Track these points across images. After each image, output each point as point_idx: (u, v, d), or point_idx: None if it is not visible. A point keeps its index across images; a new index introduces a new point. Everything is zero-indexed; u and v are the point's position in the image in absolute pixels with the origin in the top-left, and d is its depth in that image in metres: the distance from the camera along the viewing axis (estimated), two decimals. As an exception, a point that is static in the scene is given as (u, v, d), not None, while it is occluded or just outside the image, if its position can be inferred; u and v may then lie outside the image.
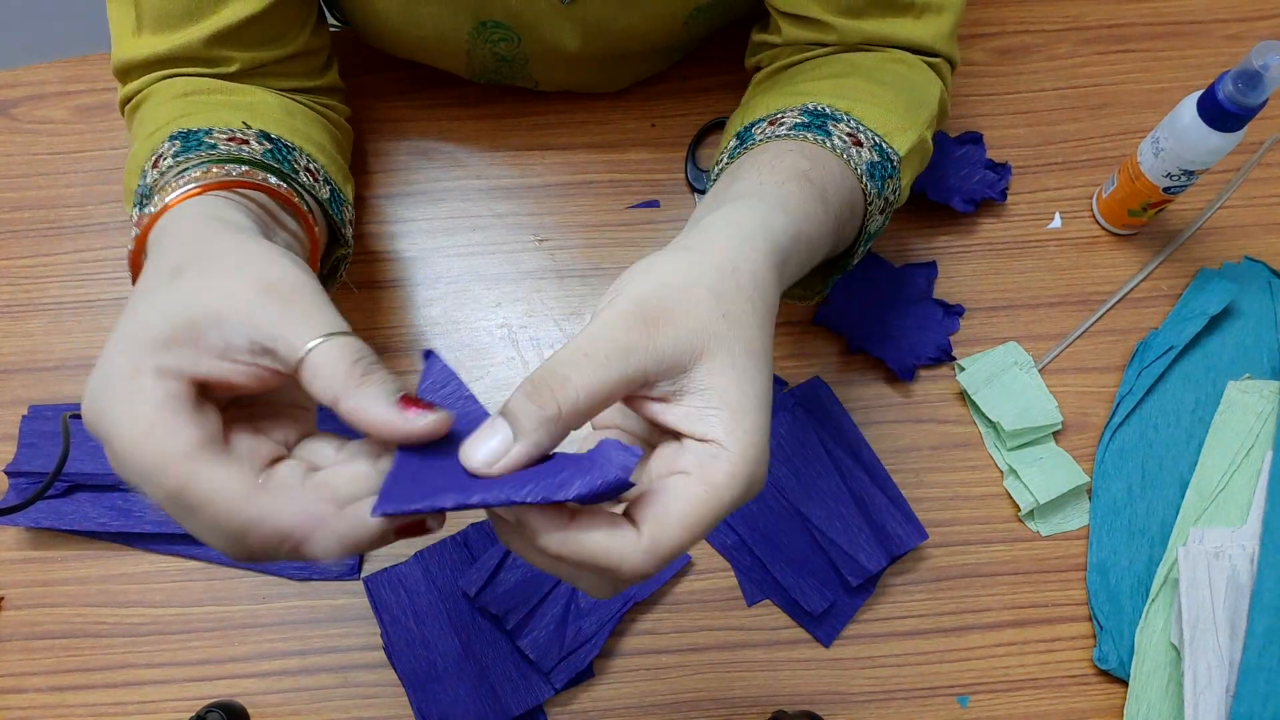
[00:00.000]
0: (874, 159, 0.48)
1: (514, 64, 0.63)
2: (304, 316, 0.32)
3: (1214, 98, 0.53)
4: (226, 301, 0.32)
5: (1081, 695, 0.57)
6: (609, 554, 0.31)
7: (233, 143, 0.47)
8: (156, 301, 0.32)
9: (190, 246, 0.35)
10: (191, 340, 0.31)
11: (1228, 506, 0.58)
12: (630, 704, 0.57)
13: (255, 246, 0.35)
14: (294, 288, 0.33)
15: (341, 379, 0.31)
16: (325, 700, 0.58)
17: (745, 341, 0.34)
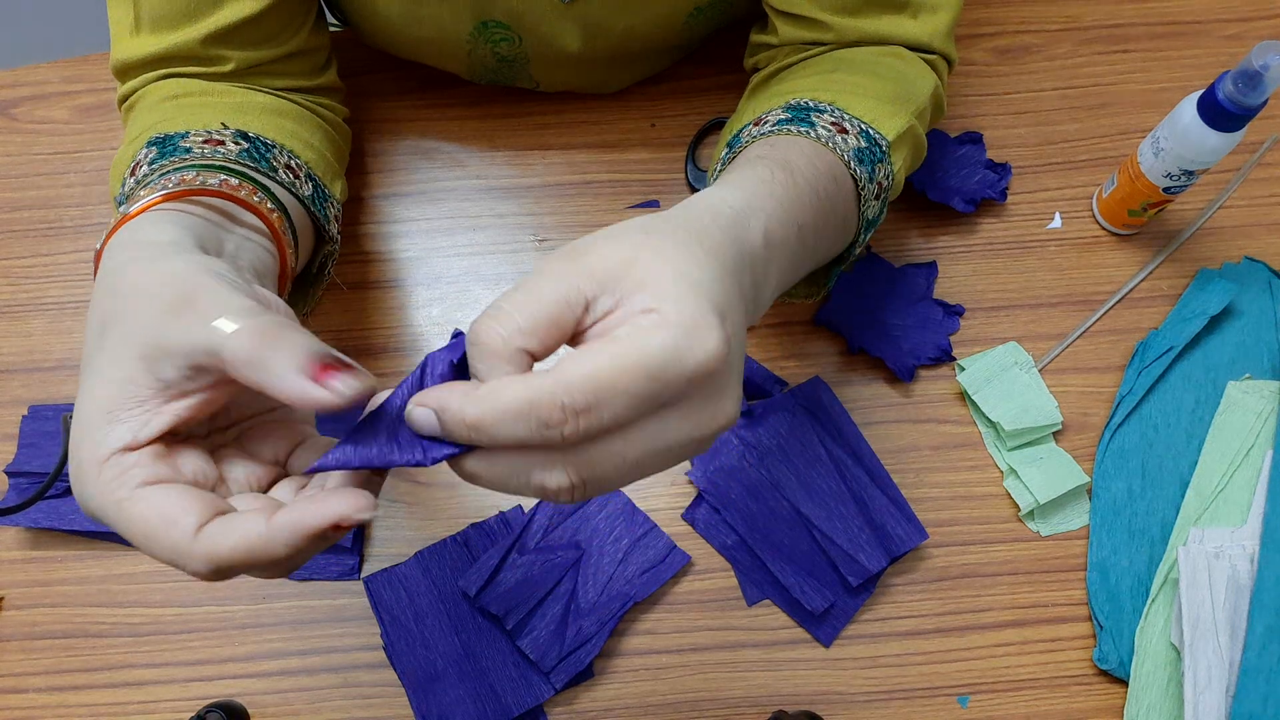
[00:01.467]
0: (861, 145, 0.48)
1: (515, 64, 0.63)
2: (210, 311, 0.31)
3: (1214, 98, 0.53)
4: (144, 339, 0.31)
5: (1081, 695, 0.57)
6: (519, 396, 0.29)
7: (208, 144, 0.46)
8: (96, 369, 0.32)
9: (106, 294, 0.34)
10: (133, 399, 0.31)
11: (1228, 506, 0.58)
12: (630, 704, 0.57)
13: (153, 266, 0.34)
14: (189, 291, 0.32)
15: (251, 356, 0.30)
16: (325, 700, 0.58)
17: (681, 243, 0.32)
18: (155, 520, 0.30)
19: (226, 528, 0.30)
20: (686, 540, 0.60)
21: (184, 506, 0.31)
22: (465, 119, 0.69)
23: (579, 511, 0.60)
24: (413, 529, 0.60)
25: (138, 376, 0.31)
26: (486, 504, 0.61)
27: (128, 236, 0.37)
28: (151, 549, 0.31)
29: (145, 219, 0.38)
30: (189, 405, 0.32)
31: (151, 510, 0.30)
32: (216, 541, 0.30)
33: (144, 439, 0.31)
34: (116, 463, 0.31)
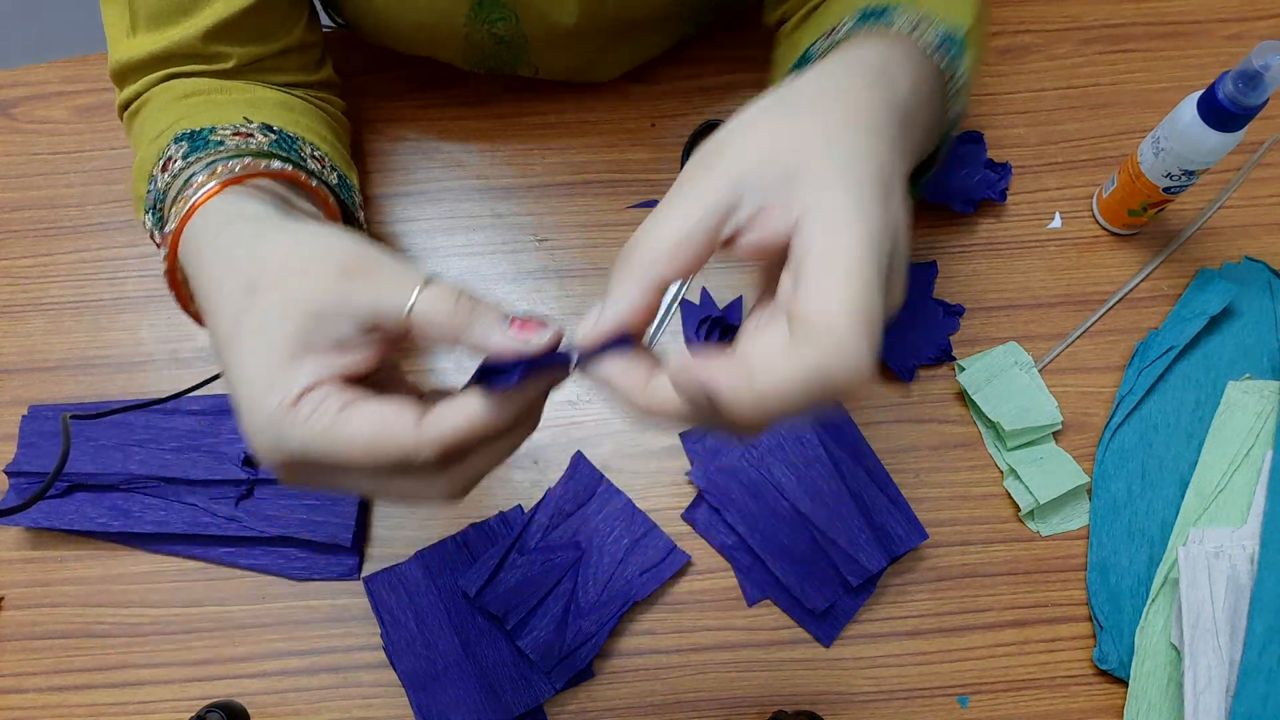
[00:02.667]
0: (938, 39, 0.43)
1: (512, 46, 0.62)
2: (391, 280, 0.33)
3: (1214, 98, 0.53)
4: (318, 299, 0.33)
5: (1081, 695, 0.57)
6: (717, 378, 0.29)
7: (238, 137, 0.47)
8: (254, 328, 0.33)
9: (246, 256, 0.35)
10: (310, 348, 0.33)
11: (1228, 506, 0.58)
12: (630, 704, 0.57)
13: (306, 233, 0.36)
14: (366, 259, 0.34)
15: (451, 320, 0.32)
16: (325, 700, 0.58)
17: (831, 119, 0.31)
18: (375, 426, 0.31)
19: (447, 409, 0.32)
20: (686, 540, 0.60)
21: (397, 407, 0.32)
22: (465, 119, 0.69)
23: (579, 511, 0.60)
24: (413, 529, 0.60)
25: (311, 331, 0.32)
26: (486, 504, 0.61)
27: (220, 213, 0.38)
28: (377, 455, 0.32)
29: (228, 198, 0.39)
30: (362, 358, 0.33)
31: (366, 420, 0.32)
32: (443, 423, 0.31)
33: (327, 378, 0.33)
34: (311, 398, 0.32)
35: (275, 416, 0.32)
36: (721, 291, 0.64)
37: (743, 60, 0.70)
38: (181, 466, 0.59)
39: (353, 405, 0.32)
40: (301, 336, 0.32)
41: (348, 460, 0.32)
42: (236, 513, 0.59)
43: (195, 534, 0.59)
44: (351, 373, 0.33)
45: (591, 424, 0.62)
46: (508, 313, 0.33)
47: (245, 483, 0.60)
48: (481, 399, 0.32)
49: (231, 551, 0.60)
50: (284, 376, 0.32)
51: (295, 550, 0.60)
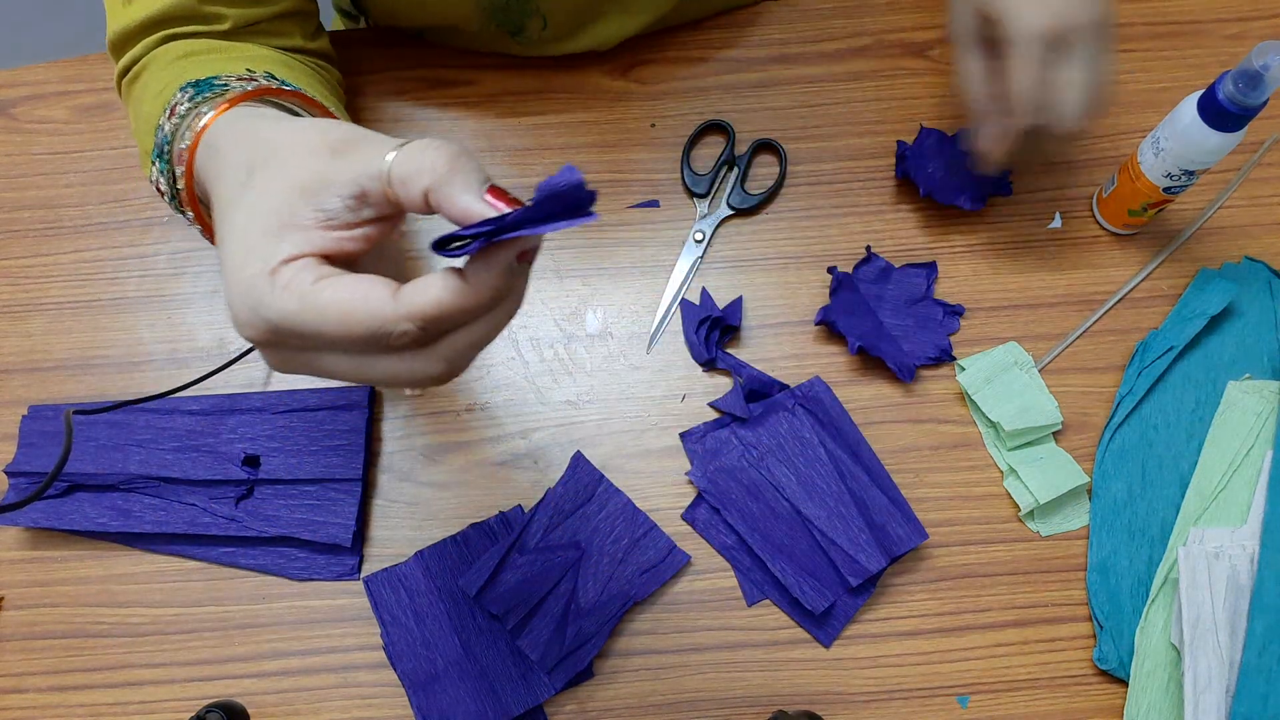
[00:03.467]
0: None
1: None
2: (374, 148, 0.33)
3: (1214, 98, 0.53)
4: (305, 174, 0.33)
5: (1081, 695, 0.57)
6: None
7: (242, 81, 0.48)
8: (247, 204, 0.34)
9: (248, 145, 0.36)
10: (295, 223, 0.32)
11: (1228, 506, 0.58)
12: (630, 704, 0.57)
13: (303, 122, 0.36)
14: (353, 136, 0.34)
15: (426, 172, 0.31)
16: (325, 700, 0.58)
17: None
18: (351, 296, 0.31)
19: (424, 283, 0.31)
20: (686, 540, 0.60)
21: (372, 279, 0.32)
22: (465, 119, 0.69)
23: (579, 511, 0.60)
24: (413, 529, 0.60)
25: (298, 206, 0.32)
26: (486, 504, 0.61)
27: (231, 120, 0.39)
28: (353, 325, 0.31)
29: (237, 110, 0.40)
30: (348, 236, 0.33)
31: (343, 289, 0.31)
32: (420, 294, 0.31)
33: (309, 251, 0.32)
34: (288, 268, 0.32)
35: (253, 283, 0.32)
36: (721, 291, 0.64)
37: (743, 61, 0.70)
38: (181, 466, 0.59)
39: (330, 277, 0.32)
40: (288, 210, 0.33)
41: (323, 331, 0.32)
42: (236, 513, 0.59)
43: (195, 534, 0.59)
44: (339, 250, 0.33)
45: (591, 424, 0.62)
46: (487, 177, 0.32)
47: (245, 483, 0.60)
48: (456, 272, 0.31)
49: (231, 551, 0.60)
50: (266, 247, 0.32)
51: (295, 550, 0.60)
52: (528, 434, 0.62)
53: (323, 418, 0.61)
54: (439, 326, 0.32)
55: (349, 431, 0.61)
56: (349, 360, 0.33)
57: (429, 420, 0.63)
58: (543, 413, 0.62)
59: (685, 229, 0.66)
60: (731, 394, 0.61)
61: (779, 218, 0.66)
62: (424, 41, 0.70)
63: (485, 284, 0.32)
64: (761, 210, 0.66)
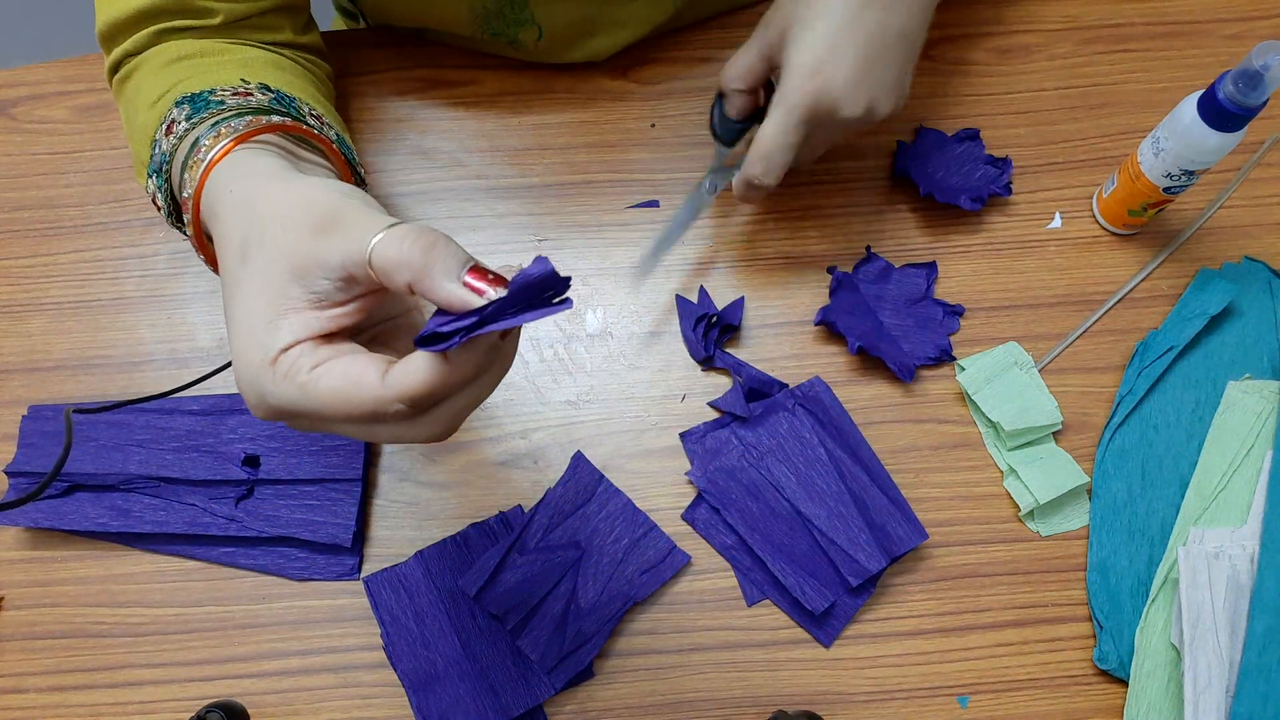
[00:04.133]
0: None
1: (515, 2, 0.62)
2: (355, 230, 0.34)
3: (1214, 98, 0.53)
4: (294, 257, 0.34)
5: (1081, 695, 0.57)
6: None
7: (237, 96, 0.48)
8: (246, 286, 0.35)
9: (243, 219, 0.37)
10: (290, 307, 0.34)
11: (1228, 506, 0.58)
12: (630, 704, 0.57)
13: (294, 188, 0.37)
14: (337, 212, 0.34)
15: (404, 266, 0.32)
16: (325, 700, 0.58)
17: (810, 6, 0.49)
18: (343, 383, 0.33)
19: (410, 364, 0.33)
20: (686, 540, 0.60)
21: (364, 362, 0.33)
22: (465, 119, 0.69)
23: (579, 511, 0.60)
24: (413, 529, 0.60)
25: (291, 290, 0.34)
26: (486, 504, 0.61)
27: (230, 172, 0.40)
28: (349, 410, 0.33)
29: (236, 156, 0.41)
30: (341, 313, 0.35)
31: (336, 377, 0.33)
32: (404, 379, 0.32)
33: (305, 337, 0.34)
34: (286, 357, 0.34)
35: (256, 373, 0.34)
36: (720, 291, 0.64)
37: (743, 60, 0.70)
38: (181, 466, 0.59)
39: (324, 364, 0.34)
40: (282, 296, 0.34)
41: (323, 414, 0.34)
42: (236, 513, 0.59)
43: (195, 534, 0.59)
44: (334, 329, 0.35)
45: (591, 424, 0.62)
46: (466, 261, 0.33)
47: (245, 483, 0.60)
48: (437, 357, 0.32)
49: (231, 551, 0.60)
50: (266, 336, 0.34)
51: (295, 550, 0.60)
52: (528, 434, 0.62)
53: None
54: (428, 403, 0.33)
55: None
56: (356, 428, 0.35)
57: (429, 420, 0.63)
58: (543, 413, 0.62)
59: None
60: (731, 394, 0.61)
61: (779, 218, 0.66)
62: (424, 41, 0.70)
63: (468, 363, 0.33)
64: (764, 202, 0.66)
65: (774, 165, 0.54)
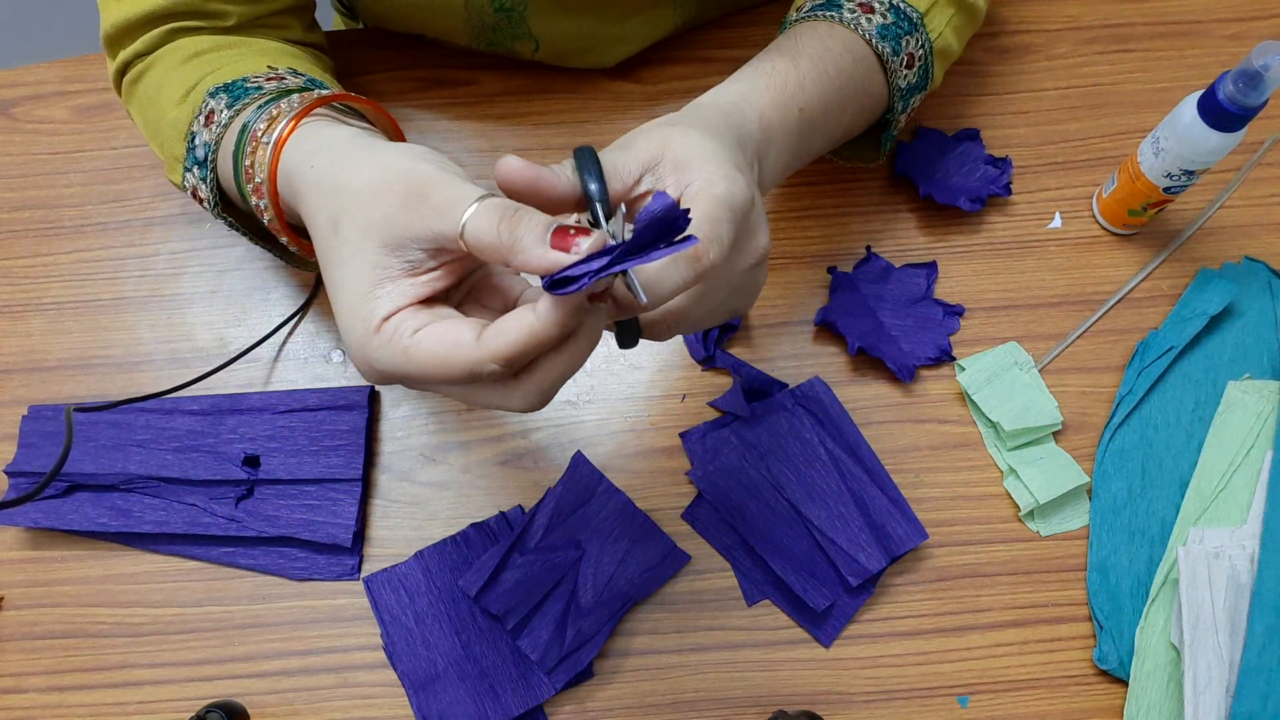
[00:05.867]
0: (887, 20, 0.53)
1: (513, 15, 0.62)
2: (445, 203, 0.35)
3: (1214, 98, 0.53)
4: (386, 229, 0.36)
5: (1081, 695, 0.57)
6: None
7: (272, 81, 0.49)
8: (342, 262, 0.37)
9: (329, 193, 0.38)
10: (387, 276, 0.36)
11: (1228, 506, 0.58)
12: (630, 704, 0.57)
13: (377, 159, 0.37)
14: (422, 183, 0.36)
15: (498, 248, 0.34)
16: (325, 700, 0.58)
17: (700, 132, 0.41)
18: (441, 346, 0.35)
19: (504, 324, 0.34)
20: (686, 540, 0.60)
21: (460, 326, 0.35)
22: (465, 120, 0.69)
23: (579, 511, 0.60)
24: (413, 529, 0.60)
25: (386, 261, 0.36)
26: (486, 504, 0.61)
27: (302, 149, 0.41)
28: (448, 371, 0.35)
29: (302, 133, 0.42)
30: (436, 277, 0.37)
31: (434, 341, 0.35)
32: (499, 338, 0.34)
33: (404, 305, 0.36)
34: (388, 325, 0.36)
35: (362, 342, 0.36)
36: (721, 291, 0.64)
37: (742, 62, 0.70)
38: (181, 466, 0.59)
39: (424, 329, 0.36)
40: (377, 267, 0.36)
41: (426, 376, 0.36)
42: (236, 513, 0.59)
43: (195, 534, 0.59)
44: (430, 294, 0.37)
45: (591, 424, 0.62)
46: (549, 224, 0.34)
47: (245, 483, 0.60)
48: (532, 313, 0.34)
49: (231, 551, 0.60)
50: (366, 306, 0.36)
51: (295, 550, 0.60)
52: (528, 434, 0.62)
53: (323, 418, 0.61)
54: (520, 363, 0.35)
55: (349, 431, 0.61)
56: (458, 389, 0.37)
57: (429, 420, 0.63)
58: (543, 412, 0.62)
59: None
60: (731, 393, 0.61)
61: (779, 218, 0.66)
62: (424, 41, 0.70)
63: (556, 322, 0.34)
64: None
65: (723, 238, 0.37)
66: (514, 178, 0.37)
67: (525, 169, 0.37)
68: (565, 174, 0.39)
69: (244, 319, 0.65)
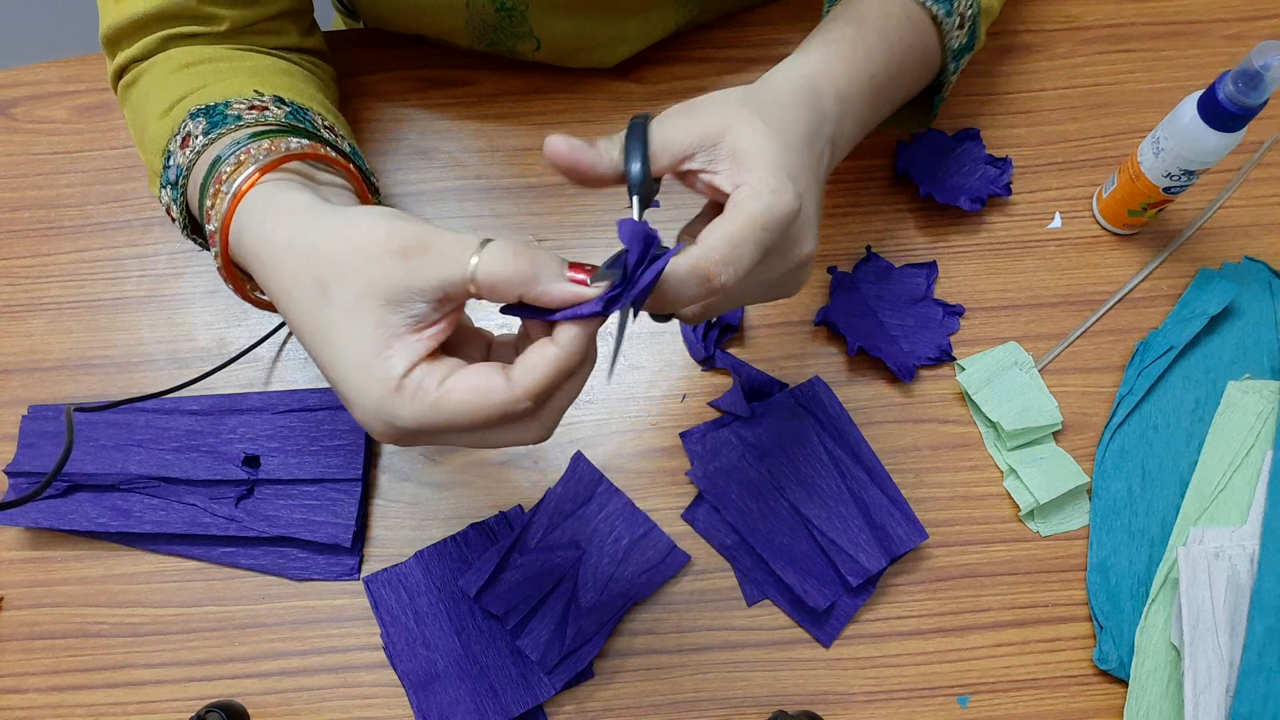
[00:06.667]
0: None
1: (514, 15, 0.62)
2: (448, 252, 0.36)
3: (1214, 98, 0.53)
4: (386, 286, 0.35)
5: (1081, 695, 0.57)
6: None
7: (253, 110, 0.48)
8: (340, 326, 0.36)
9: (306, 259, 0.37)
10: (393, 334, 0.36)
11: (1228, 506, 0.58)
12: (630, 704, 0.57)
13: (355, 220, 0.37)
14: (419, 237, 0.36)
15: (516, 276, 0.35)
16: (325, 700, 0.58)
17: (764, 119, 0.41)
18: (474, 394, 0.35)
19: (529, 362, 0.36)
20: (686, 540, 0.60)
21: (485, 371, 0.36)
22: (465, 119, 0.69)
23: (579, 511, 0.60)
24: (413, 529, 0.60)
25: (389, 319, 0.36)
26: (486, 504, 0.61)
27: (261, 209, 0.41)
28: (484, 417, 0.36)
29: (262, 190, 0.41)
30: (440, 330, 0.37)
31: (466, 390, 0.35)
32: (532, 373, 0.36)
33: (417, 360, 0.36)
34: (409, 381, 0.36)
35: (383, 402, 0.36)
36: (721, 291, 0.64)
37: (743, 61, 0.70)
38: (181, 466, 0.59)
39: (450, 379, 0.36)
40: (381, 326, 0.36)
41: (456, 425, 0.36)
42: (236, 513, 0.59)
43: (195, 534, 0.59)
44: (434, 347, 0.37)
45: (591, 424, 0.62)
46: (563, 261, 0.36)
47: (245, 483, 0.60)
48: (553, 345, 0.36)
49: (231, 551, 0.60)
50: (381, 366, 0.36)
51: (295, 550, 0.60)
52: (528, 434, 0.62)
53: (323, 418, 0.61)
54: (548, 396, 0.36)
55: (349, 431, 0.61)
56: (479, 434, 0.37)
57: (429, 420, 0.63)
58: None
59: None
60: (731, 393, 0.61)
61: (779, 218, 0.66)
62: (424, 41, 0.70)
63: (580, 351, 0.36)
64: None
65: (741, 260, 0.39)
66: (556, 158, 0.40)
67: (567, 151, 0.40)
68: (611, 154, 0.41)
69: (244, 319, 0.65)
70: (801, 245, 0.43)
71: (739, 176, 0.40)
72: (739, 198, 0.40)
